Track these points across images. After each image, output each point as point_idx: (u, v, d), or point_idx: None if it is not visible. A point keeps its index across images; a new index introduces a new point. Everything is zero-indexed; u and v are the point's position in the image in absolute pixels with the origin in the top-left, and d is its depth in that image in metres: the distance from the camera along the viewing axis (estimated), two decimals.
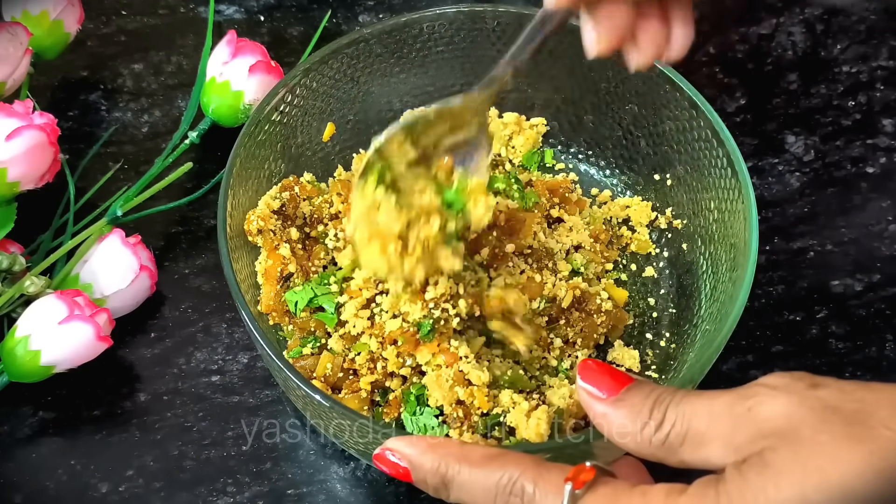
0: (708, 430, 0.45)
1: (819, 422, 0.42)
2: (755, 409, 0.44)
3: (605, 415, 0.48)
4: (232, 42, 0.75)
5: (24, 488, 0.64)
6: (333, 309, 0.62)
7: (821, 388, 0.44)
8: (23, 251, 0.69)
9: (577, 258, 0.67)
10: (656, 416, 0.46)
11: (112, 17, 0.86)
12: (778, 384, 0.45)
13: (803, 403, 0.43)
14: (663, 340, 0.67)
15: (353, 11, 0.87)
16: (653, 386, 0.47)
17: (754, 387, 0.45)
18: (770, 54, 0.84)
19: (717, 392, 0.46)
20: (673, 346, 0.66)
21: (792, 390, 0.44)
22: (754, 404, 0.44)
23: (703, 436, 0.45)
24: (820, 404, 0.43)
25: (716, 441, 0.44)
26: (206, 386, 0.68)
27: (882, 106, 0.81)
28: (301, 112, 0.68)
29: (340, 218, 0.65)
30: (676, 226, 0.70)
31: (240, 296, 0.58)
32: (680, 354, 0.65)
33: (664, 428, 0.46)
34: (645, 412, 0.46)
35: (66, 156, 0.76)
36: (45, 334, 0.63)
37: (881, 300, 0.71)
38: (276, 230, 0.64)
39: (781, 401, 0.44)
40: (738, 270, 0.60)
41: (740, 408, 0.44)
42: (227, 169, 0.62)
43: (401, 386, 0.61)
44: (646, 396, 0.47)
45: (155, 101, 0.81)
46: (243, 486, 0.64)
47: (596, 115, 0.72)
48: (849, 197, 0.76)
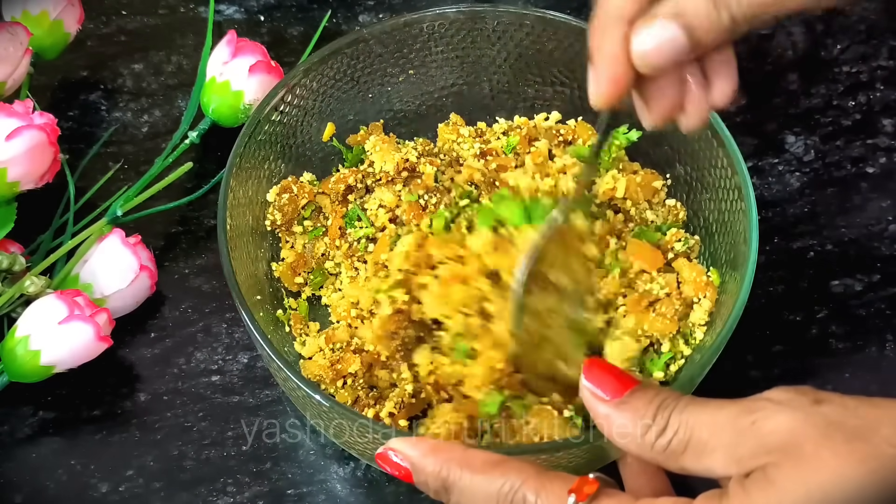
0: (711, 440, 0.45)
1: (822, 437, 0.43)
2: (759, 422, 0.44)
3: (607, 416, 0.48)
4: (232, 42, 0.75)
5: (24, 488, 0.64)
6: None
7: (824, 403, 0.44)
8: (23, 251, 0.69)
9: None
10: (659, 421, 0.46)
11: (112, 17, 0.86)
12: (782, 399, 0.45)
13: (807, 419, 0.43)
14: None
15: (353, 11, 0.87)
16: (658, 389, 0.47)
17: (759, 401, 0.45)
18: (770, 54, 0.84)
19: (722, 402, 0.46)
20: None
21: (796, 406, 0.44)
22: (759, 418, 0.44)
23: (705, 445, 0.45)
24: (823, 420, 0.43)
25: (718, 451, 0.44)
26: (206, 386, 0.68)
27: (882, 106, 0.81)
28: (301, 112, 0.68)
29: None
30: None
31: (240, 295, 0.58)
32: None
33: (667, 434, 0.46)
34: (648, 416, 0.46)
35: (66, 156, 0.76)
36: (45, 334, 0.63)
37: (881, 300, 0.71)
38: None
39: (785, 416, 0.44)
40: (739, 270, 0.60)
41: (744, 421, 0.44)
42: (227, 169, 0.62)
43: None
44: (649, 401, 0.47)
45: (155, 101, 0.81)
46: (243, 486, 0.64)
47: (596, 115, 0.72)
48: (849, 197, 0.76)
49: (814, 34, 0.85)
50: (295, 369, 0.56)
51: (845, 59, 0.84)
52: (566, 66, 0.70)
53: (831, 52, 0.84)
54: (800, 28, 0.85)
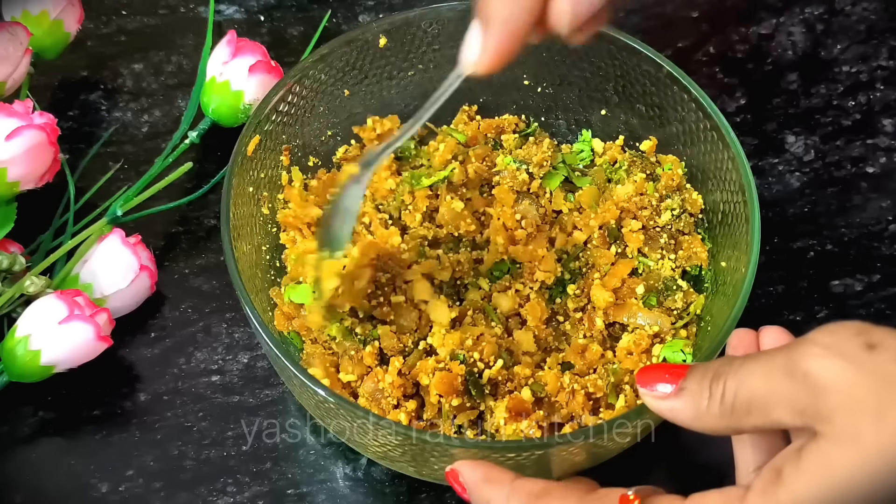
0: (770, 397, 0.44)
1: (876, 401, 0.41)
2: (811, 373, 0.43)
3: (672, 409, 0.48)
4: (232, 42, 0.75)
5: (24, 488, 0.64)
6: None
7: (878, 350, 0.43)
8: (23, 251, 0.69)
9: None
10: (716, 390, 0.46)
11: (112, 17, 0.86)
12: (830, 344, 0.44)
13: (859, 373, 0.42)
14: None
15: (353, 11, 0.87)
16: (707, 364, 0.47)
17: (806, 345, 0.44)
18: (770, 54, 0.84)
19: (772, 353, 0.45)
20: None
21: (847, 353, 0.43)
22: (810, 369, 0.43)
23: (766, 401, 0.44)
24: (875, 375, 0.42)
25: (781, 406, 0.44)
26: (206, 386, 0.68)
27: (882, 106, 0.81)
28: (301, 112, 0.68)
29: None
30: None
31: (245, 295, 0.57)
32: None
33: (726, 399, 0.46)
34: (706, 391, 0.46)
35: (66, 156, 0.76)
36: (45, 334, 0.63)
37: (881, 300, 0.71)
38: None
39: (836, 368, 0.43)
40: (739, 270, 0.60)
41: (797, 372, 0.43)
42: (229, 169, 0.62)
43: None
44: (702, 377, 0.47)
45: (155, 101, 0.81)
46: (243, 486, 0.64)
47: (602, 116, 0.72)
48: (849, 197, 0.76)
49: (814, 34, 0.85)
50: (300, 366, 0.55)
51: (845, 59, 0.84)
52: (572, 66, 0.70)
53: (831, 52, 0.84)
54: (800, 28, 0.85)
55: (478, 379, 0.60)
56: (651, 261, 0.65)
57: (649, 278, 0.65)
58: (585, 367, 0.62)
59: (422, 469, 0.58)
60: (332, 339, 0.63)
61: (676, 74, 0.66)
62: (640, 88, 0.69)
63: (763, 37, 0.85)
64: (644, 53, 0.67)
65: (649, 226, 0.66)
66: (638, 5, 0.87)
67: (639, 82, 0.68)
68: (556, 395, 0.60)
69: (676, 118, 0.67)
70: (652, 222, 0.66)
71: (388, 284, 0.63)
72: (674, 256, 0.66)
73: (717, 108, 0.64)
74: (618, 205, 0.66)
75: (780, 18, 0.86)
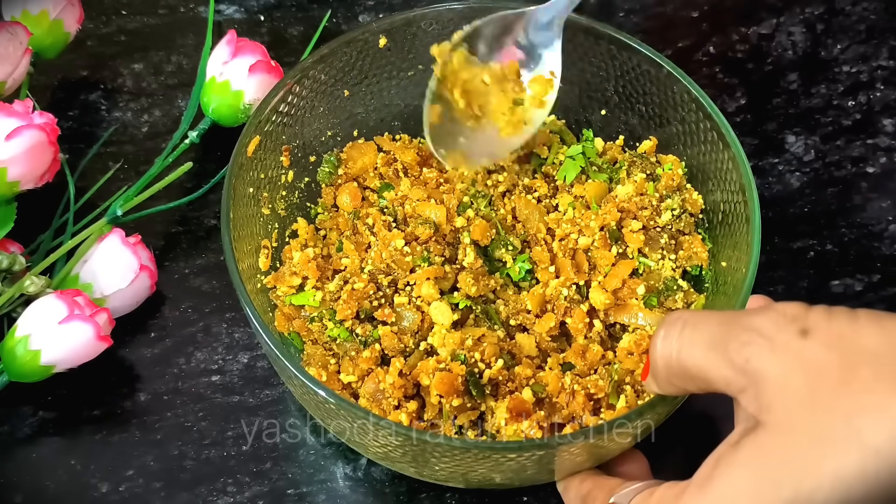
0: (710, 372, 0.47)
1: (803, 405, 0.43)
2: (752, 361, 0.44)
3: (649, 385, 0.53)
4: (232, 42, 0.75)
5: (24, 488, 0.64)
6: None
7: (811, 336, 0.44)
8: (23, 251, 0.69)
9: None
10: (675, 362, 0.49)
11: (112, 16, 0.86)
12: (768, 332, 0.45)
13: (794, 361, 0.43)
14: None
15: (353, 11, 0.87)
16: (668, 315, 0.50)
17: (745, 332, 0.45)
18: (770, 54, 0.84)
19: (717, 327, 0.47)
20: None
21: (781, 343, 0.44)
22: (750, 356, 0.45)
23: (707, 375, 0.47)
24: (807, 368, 0.43)
25: (718, 382, 0.46)
26: (206, 386, 0.68)
27: (882, 106, 0.81)
28: (301, 112, 0.68)
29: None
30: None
31: (245, 295, 0.57)
32: None
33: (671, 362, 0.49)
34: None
35: (66, 156, 0.76)
36: (45, 334, 0.63)
37: (881, 300, 0.71)
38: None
39: (773, 358, 0.44)
40: (739, 270, 0.60)
41: (738, 357, 0.45)
42: (229, 170, 0.62)
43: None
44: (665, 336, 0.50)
45: (155, 100, 0.81)
46: (243, 486, 0.64)
47: (602, 117, 0.72)
48: (849, 197, 0.76)
49: (814, 34, 0.85)
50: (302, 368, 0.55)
51: (845, 59, 0.84)
52: (574, 67, 0.70)
53: (831, 52, 0.84)
54: (800, 28, 0.85)
55: (478, 379, 0.60)
56: (651, 261, 0.65)
57: (650, 279, 0.65)
58: (586, 367, 0.62)
59: (422, 470, 0.58)
60: (332, 341, 0.63)
61: (676, 74, 0.66)
62: (640, 88, 0.69)
63: (763, 37, 0.85)
64: (644, 53, 0.67)
65: (650, 226, 0.66)
66: (638, 5, 0.87)
67: (639, 82, 0.68)
68: (557, 396, 0.60)
69: (676, 118, 0.67)
70: (652, 222, 0.66)
71: (389, 286, 0.63)
72: (674, 257, 0.66)
73: (717, 108, 0.64)
74: (618, 205, 0.66)
75: (780, 18, 0.86)
